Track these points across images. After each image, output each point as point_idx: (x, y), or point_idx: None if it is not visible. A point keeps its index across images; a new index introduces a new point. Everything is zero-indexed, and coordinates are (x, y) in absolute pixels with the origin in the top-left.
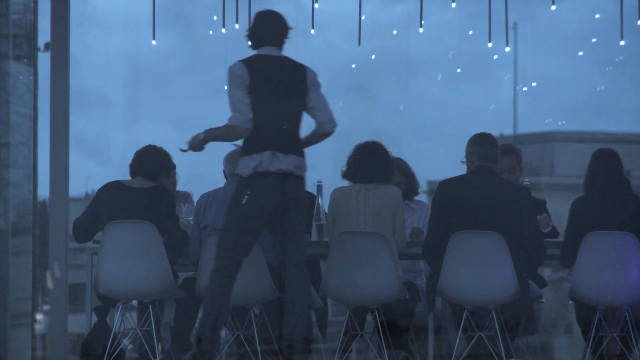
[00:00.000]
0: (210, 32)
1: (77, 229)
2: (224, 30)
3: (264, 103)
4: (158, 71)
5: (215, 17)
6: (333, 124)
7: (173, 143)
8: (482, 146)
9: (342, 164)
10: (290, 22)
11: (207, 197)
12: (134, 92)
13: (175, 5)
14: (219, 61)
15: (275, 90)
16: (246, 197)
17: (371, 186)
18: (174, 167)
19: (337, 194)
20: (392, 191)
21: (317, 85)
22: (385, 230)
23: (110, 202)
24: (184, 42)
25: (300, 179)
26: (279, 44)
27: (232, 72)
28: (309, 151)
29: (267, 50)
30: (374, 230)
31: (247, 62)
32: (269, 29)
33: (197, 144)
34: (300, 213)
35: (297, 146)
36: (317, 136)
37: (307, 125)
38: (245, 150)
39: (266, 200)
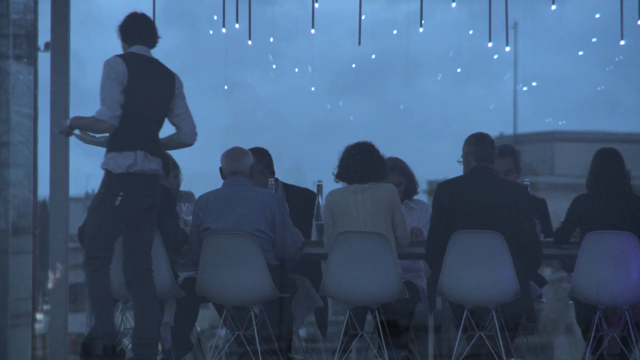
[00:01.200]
0: (211, 32)
1: (83, 236)
2: (224, 30)
3: (137, 102)
4: None
5: (215, 17)
6: (195, 137)
7: None
8: (479, 146)
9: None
10: (291, 21)
11: (207, 199)
12: None
13: (179, 5)
14: (220, 60)
15: (147, 90)
16: (119, 198)
17: (367, 186)
18: (176, 167)
19: (334, 196)
20: (387, 190)
21: (183, 95)
22: (384, 229)
23: None
24: (187, 41)
25: (158, 181)
26: (150, 45)
27: (110, 66)
28: (310, 150)
29: (140, 50)
30: (374, 230)
31: (125, 58)
32: (143, 28)
33: (64, 129)
34: (154, 214)
35: (159, 149)
36: (177, 144)
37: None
38: (114, 146)
39: (137, 201)
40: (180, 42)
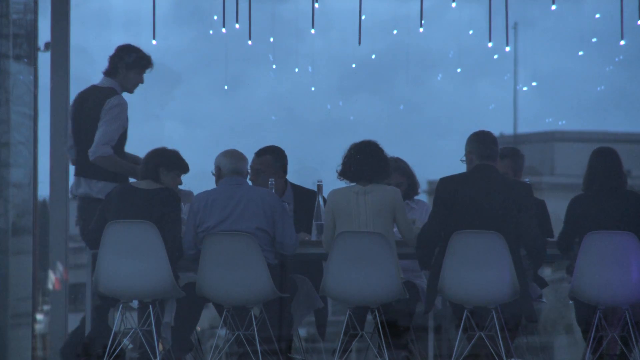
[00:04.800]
0: (211, 32)
1: (92, 238)
2: (224, 30)
3: (78, 132)
4: (165, 69)
5: (215, 17)
6: (92, 155)
7: (180, 140)
8: (481, 145)
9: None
10: (291, 21)
11: (207, 198)
12: (139, 90)
13: (188, 4)
14: (221, 60)
15: (83, 119)
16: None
17: (370, 188)
18: (181, 167)
19: (336, 196)
20: (390, 192)
21: (108, 114)
22: (385, 231)
23: (117, 202)
24: (190, 41)
25: (92, 204)
26: (111, 74)
27: None
28: (312, 149)
29: (100, 81)
30: (375, 230)
31: (80, 93)
32: (112, 59)
33: None
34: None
35: (96, 170)
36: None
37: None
38: None
39: (83, 223)
40: (189, 40)
